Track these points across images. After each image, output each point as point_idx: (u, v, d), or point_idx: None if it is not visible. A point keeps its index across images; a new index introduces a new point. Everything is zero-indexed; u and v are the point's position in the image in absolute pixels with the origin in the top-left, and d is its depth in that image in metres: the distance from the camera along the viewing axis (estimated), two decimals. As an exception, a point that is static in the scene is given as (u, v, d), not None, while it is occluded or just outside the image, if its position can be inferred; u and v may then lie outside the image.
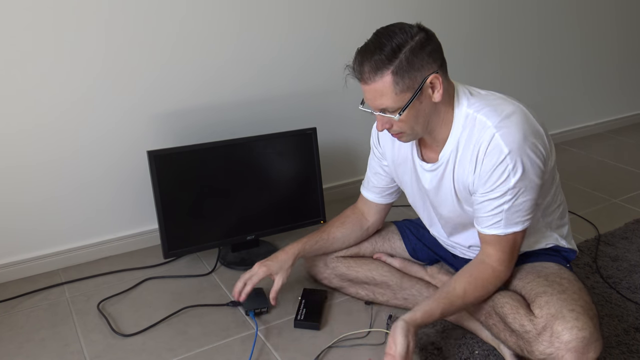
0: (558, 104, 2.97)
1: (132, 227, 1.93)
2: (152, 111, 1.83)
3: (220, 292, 1.70)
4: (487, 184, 1.23)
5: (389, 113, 1.21)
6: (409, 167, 1.41)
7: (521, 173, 1.20)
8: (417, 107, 1.21)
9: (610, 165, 2.72)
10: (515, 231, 1.27)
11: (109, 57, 1.71)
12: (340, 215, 1.61)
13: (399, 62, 1.15)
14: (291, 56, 2.04)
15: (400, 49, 1.15)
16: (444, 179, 1.33)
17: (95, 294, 1.69)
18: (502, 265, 1.30)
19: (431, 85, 1.20)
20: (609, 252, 1.88)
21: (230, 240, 1.84)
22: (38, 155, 1.70)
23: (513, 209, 1.24)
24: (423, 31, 1.19)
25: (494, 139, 1.20)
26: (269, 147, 1.84)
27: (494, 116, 1.22)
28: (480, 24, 2.51)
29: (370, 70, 1.17)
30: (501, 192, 1.22)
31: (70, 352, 1.45)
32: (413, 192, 1.47)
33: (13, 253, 1.76)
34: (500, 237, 1.27)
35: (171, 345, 1.47)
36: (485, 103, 1.25)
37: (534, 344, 1.21)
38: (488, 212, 1.26)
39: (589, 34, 2.94)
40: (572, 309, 1.20)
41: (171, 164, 1.70)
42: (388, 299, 1.58)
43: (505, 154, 1.19)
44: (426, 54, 1.17)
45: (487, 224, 1.27)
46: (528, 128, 1.21)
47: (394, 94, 1.17)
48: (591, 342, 1.16)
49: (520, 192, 1.22)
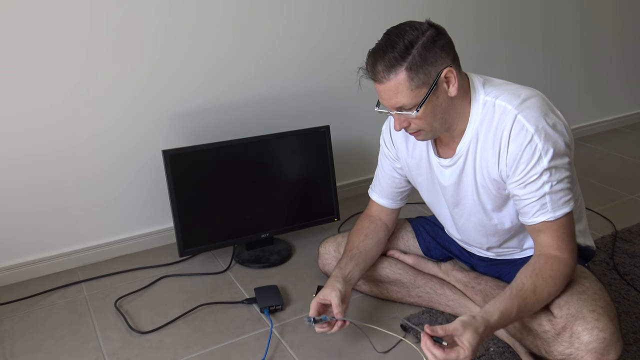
0: (575, 99, 2.94)
1: (147, 225, 1.95)
2: (165, 110, 1.84)
3: (235, 290, 1.72)
4: (518, 169, 1.19)
5: (406, 110, 1.19)
6: (424, 166, 1.39)
7: (553, 151, 1.17)
8: (434, 102, 1.19)
9: (627, 161, 2.68)
10: (565, 213, 1.20)
11: (120, 57, 1.73)
12: (357, 230, 1.52)
13: (412, 58, 1.14)
14: (304, 54, 2.04)
15: (413, 45, 1.14)
16: (464, 173, 1.30)
17: (112, 292, 1.72)
18: (565, 253, 1.21)
19: (446, 80, 1.18)
20: (626, 248, 1.86)
21: (244, 238, 1.85)
22: (53, 154, 1.72)
23: (555, 190, 1.18)
24: (433, 27, 1.18)
25: (517, 120, 1.18)
26: (283, 146, 1.84)
27: (514, 99, 1.20)
28: (489, 22, 2.49)
29: (384, 69, 1.16)
30: (537, 174, 1.17)
31: (89, 349, 1.47)
32: (429, 192, 1.44)
33: (32, 252, 1.78)
34: (552, 223, 1.20)
35: (187, 342, 1.49)
36: (503, 89, 1.24)
37: (552, 344, 1.20)
38: (531, 199, 1.20)
39: (611, 27, 2.90)
40: (592, 309, 1.18)
41: (186, 163, 1.71)
42: (402, 297, 1.58)
43: (532, 133, 1.16)
44: (438, 48, 1.16)
45: (534, 211, 1.21)
46: (549, 109, 1.20)
47: (409, 91, 1.16)
48: (612, 343, 1.15)
49: (556, 171, 1.18)
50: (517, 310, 1.15)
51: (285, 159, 1.86)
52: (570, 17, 2.74)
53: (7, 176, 1.68)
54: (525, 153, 1.18)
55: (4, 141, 1.64)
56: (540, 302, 1.19)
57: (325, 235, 1.91)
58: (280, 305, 1.59)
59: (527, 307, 1.17)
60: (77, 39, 1.64)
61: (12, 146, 1.66)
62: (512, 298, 1.16)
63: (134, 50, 1.73)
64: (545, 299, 1.20)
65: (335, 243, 1.66)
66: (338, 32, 2.09)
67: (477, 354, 1.37)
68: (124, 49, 1.72)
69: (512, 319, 1.16)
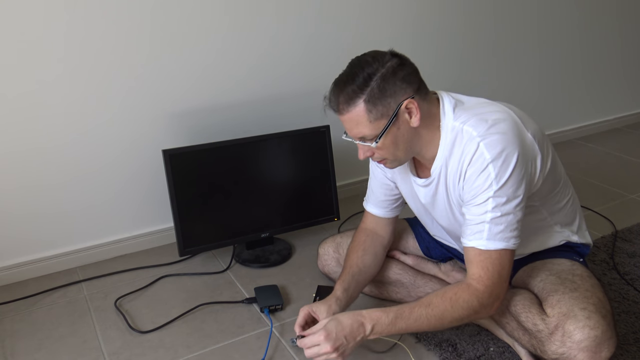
0: (575, 99, 2.94)
1: (147, 225, 1.95)
2: (166, 110, 1.84)
3: (235, 289, 1.72)
4: (470, 192, 1.19)
5: (368, 141, 1.21)
6: (408, 180, 1.40)
7: (504, 181, 1.15)
8: (395, 133, 1.19)
9: (628, 161, 2.69)
10: (498, 247, 1.17)
11: (118, 56, 1.72)
12: (355, 246, 1.50)
13: (370, 91, 1.15)
14: (303, 53, 2.04)
15: (371, 77, 1.15)
16: (438, 194, 1.32)
17: (112, 291, 1.72)
18: (481, 284, 1.18)
19: (407, 111, 1.18)
20: (626, 248, 1.86)
21: (244, 238, 1.86)
22: (53, 154, 1.72)
23: (496, 221, 1.17)
24: (396, 57, 1.18)
25: (479, 148, 1.16)
26: (283, 145, 1.85)
27: (481, 125, 1.18)
28: (489, 21, 2.49)
29: (344, 101, 1.18)
30: (483, 200, 1.16)
31: (89, 348, 1.47)
32: (414, 204, 1.46)
33: (33, 251, 1.78)
34: (482, 252, 1.18)
35: (187, 342, 1.49)
36: (472, 113, 1.21)
37: (546, 344, 1.21)
38: (471, 221, 1.19)
39: (602, 29, 2.90)
40: (583, 307, 1.19)
41: (186, 162, 1.72)
42: (402, 297, 1.58)
43: (488, 161, 1.15)
44: (399, 79, 1.16)
45: (468, 233, 1.20)
46: (514, 137, 1.17)
47: (368, 122, 1.17)
48: (603, 340, 1.15)
49: (504, 202, 1.16)
50: (395, 313, 1.18)
51: (285, 158, 1.86)
52: (569, 16, 2.74)
53: (7, 176, 1.68)
54: (478, 179, 1.17)
55: (4, 141, 1.64)
56: (434, 318, 1.18)
57: (325, 235, 1.91)
58: (280, 305, 1.59)
59: (419, 318, 1.18)
60: (75, 37, 1.64)
61: (13, 146, 1.66)
62: (406, 304, 1.20)
63: (133, 49, 1.73)
64: (440, 318, 1.18)
65: (335, 244, 1.66)
66: (339, 30, 2.09)
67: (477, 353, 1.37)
68: (122, 47, 1.72)
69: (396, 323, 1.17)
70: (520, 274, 1.42)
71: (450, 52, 2.42)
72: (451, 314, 1.18)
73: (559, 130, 2.92)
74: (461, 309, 1.18)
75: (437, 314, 1.18)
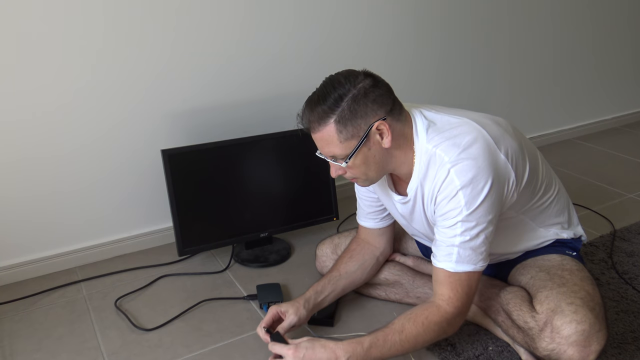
0: (575, 99, 2.94)
1: (146, 225, 1.95)
2: (165, 110, 1.84)
3: (234, 289, 1.72)
4: (441, 216, 1.21)
5: (338, 160, 1.22)
6: (387, 193, 1.40)
7: (474, 208, 1.16)
8: (366, 153, 1.20)
9: (626, 160, 2.69)
10: (467, 270, 1.20)
11: (119, 56, 1.73)
12: (344, 253, 1.54)
13: (341, 111, 1.15)
14: (303, 53, 2.04)
15: (342, 98, 1.15)
16: (415, 212, 1.33)
17: (112, 291, 1.72)
18: (450, 306, 1.21)
19: (379, 132, 1.18)
20: (625, 247, 1.87)
21: (244, 237, 1.86)
22: (53, 154, 1.72)
23: (465, 245, 1.18)
24: (369, 77, 1.18)
25: (449, 175, 1.16)
26: (282, 145, 1.85)
27: (452, 150, 1.17)
28: (489, 20, 2.50)
29: (315, 120, 1.18)
30: (452, 224, 1.18)
31: (88, 348, 1.47)
32: (395, 214, 1.46)
33: (32, 251, 1.78)
34: (451, 274, 1.20)
35: (187, 341, 1.49)
36: (444, 137, 1.20)
37: (537, 341, 1.22)
38: (441, 243, 1.21)
39: (603, 27, 2.90)
40: (570, 302, 1.20)
41: (185, 162, 1.72)
42: (401, 298, 1.59)
43: (457, 188, 1.16)
44: (370, 101, 1.16)
45: (439, 254, 1.22)
46: (485, 161, 1.16)
47: (339, 142, 1.18)
48: (592, 334, 1.16)
49: (472, 226, 1.17)
50: (369, 342, 1.18)
51: (284, 158, 1.86)
52: (569, 15, 2.75)
53: (6, 176, 1.68)
54: (448, 205, 1.18)
55: (4, 142, 1.64)
56: (407, 343, 1.20)
57: (324, 235, 1.92)
58: (280, 302, 1.58)
59: (393, 345, 1.19)
60: (76, 41, 1.64)
61: (12, 147, 1.66)
62: (379, 331, 1.21)
63: (134, 50, 1.73)
64: (413, 343, 1.20)
65: (332, 244, 1.67)
66: (339, 32, 2.09)
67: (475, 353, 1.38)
68: (124, 49, 1.72)
69: (371, 352, 1.18)
70: (513, 273, 1.43)
71: (454, 53, 2.42)
72: (423, 338, 1.21)
73: (557, 129, 2.93)
74: (432, 332, 1.21)
75: (410, 339, 1.20)
